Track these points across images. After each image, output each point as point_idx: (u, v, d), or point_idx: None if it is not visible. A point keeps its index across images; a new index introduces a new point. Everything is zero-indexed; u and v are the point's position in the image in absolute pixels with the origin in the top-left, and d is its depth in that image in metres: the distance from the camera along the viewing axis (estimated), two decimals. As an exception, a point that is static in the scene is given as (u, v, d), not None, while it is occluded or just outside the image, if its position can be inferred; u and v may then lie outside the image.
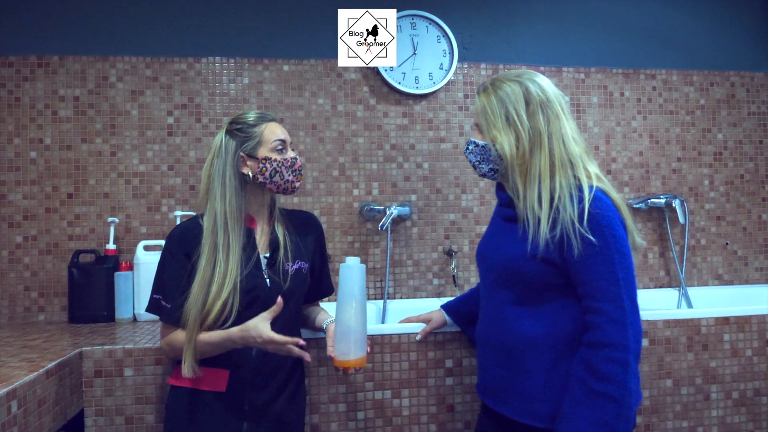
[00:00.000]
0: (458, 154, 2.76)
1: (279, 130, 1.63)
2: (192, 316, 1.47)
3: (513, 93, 1.40)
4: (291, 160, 1.61)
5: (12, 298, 2.41)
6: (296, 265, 1.63)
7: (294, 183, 1.62)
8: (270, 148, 1.59)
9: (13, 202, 2.43)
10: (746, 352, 2.02)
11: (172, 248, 1.57)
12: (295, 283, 1.62)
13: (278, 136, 1.61)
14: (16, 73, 2.46)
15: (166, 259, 1.57)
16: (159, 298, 1.55)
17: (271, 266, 1.60)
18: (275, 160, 1.59)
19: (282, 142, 1.61)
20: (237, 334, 1.46)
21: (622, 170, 2.88)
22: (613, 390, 1.24)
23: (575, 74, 2.86)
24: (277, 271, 1.59)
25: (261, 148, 1.59)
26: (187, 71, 2.57)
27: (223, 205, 1.55)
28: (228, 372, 1.54)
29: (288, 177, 1.61)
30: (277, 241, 1.63)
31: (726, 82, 2.98)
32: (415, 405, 1.87)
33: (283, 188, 1.62)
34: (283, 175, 1.60)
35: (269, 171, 1.58)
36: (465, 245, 2.74)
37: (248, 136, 1.59)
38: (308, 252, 1.70)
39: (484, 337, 1.52)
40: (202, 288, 1.49)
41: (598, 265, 1.30)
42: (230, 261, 1.51)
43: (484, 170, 1.49)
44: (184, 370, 1.48)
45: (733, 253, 2.94)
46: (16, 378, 1.39)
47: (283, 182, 1.60)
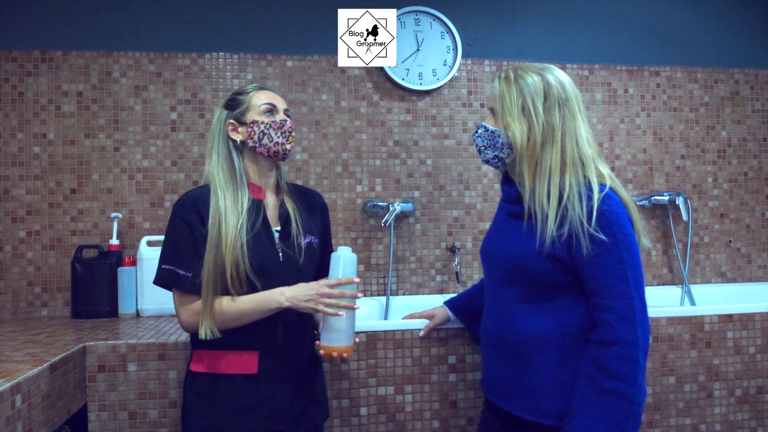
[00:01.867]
0: (462, 151, 2.75)
1: (267, 94, 1.61)
2: (206, 278, 1.46)
3: (533, 84, 1.40)
4: (280, 122, 1.58)
5: (15, 293, 2.41)
6: (307, 239, 1.62)
7: (285, 145, 1.58)
8: (258, 112, 1.58)
9: (16, 197, 2.43)
10: (749, 350, 2.02)
11: (183, 215, 1.53)
12: (309, 258, 1.61)
13: (265, 100, 1.60)
14: (20, 68, 2.46)
15: (177, 228, 1.52)
16: (172, 268, 1.50)
17: (284, 240, 1.58)
18: (262, 122, 1.57)
19: (270, 105, 1.59)
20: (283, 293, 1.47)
21: (625, 167, 2.87)
22: (624, 387, 1.24)
23: (579, 71, 2.85)
24: (291, 245, 1.57)
25: (249, 113, 1.58)
26: (191, 67, 2.57)
27: (219, 170, 1.55)
28: (257, 353, 1.53)
29: (277, 139, 1.57)
30: (288, 213, 1.61)
31: (730, 79, 2.97)
32: (417, 401, 1.88)
33: (274, 151, 1.58)
34: (271, 136, 1.56)
35: (257, 134, 1.56)
36: (468, 242, 2.73)
37: (238, 104, 1.60)
38: (317, 227, 1.69)
39: (489, 333, 1.51)
40: (211, 250, 1.47)
41: (606, 262, 1.29)
42: (234, 222, 1.49)
43: (489, 156, 1.48)
44: (202, 332, 1.45)
45: (736, 250, 2.94)
46: (20, 372, 1.39)
47: (272, 144, 1.57)
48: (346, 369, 1.84)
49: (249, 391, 1.52)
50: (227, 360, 1.53)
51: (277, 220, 1.62)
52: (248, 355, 1.53)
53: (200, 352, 1.55)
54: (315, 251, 1.65)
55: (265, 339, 1.54)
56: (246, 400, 1.52)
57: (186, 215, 1.52)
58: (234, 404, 1.52)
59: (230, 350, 1.53)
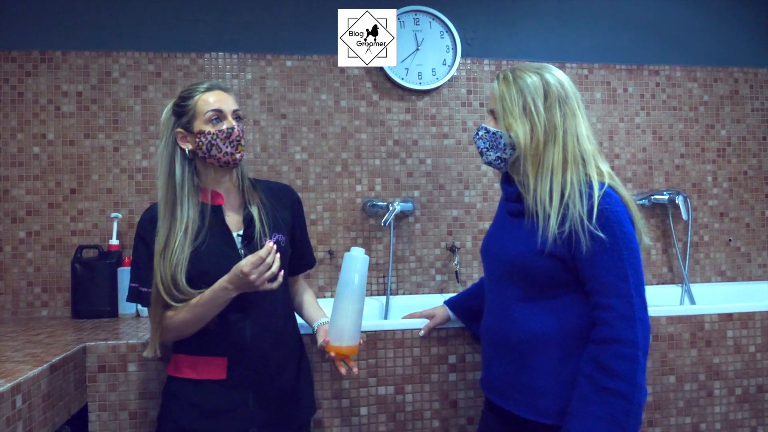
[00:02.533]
0: (461, 150, 2.75)
1: (213, 98, 1.52)
2: (153, 293, 1.47)
3: (533, 84, 1.40)
4: (227, 131, 1.51)
5: (15, 293, 2.41)
6: (274, 239, 1.57)
7: (234, 155, 1.52)
8: (204, 120, 1.51)
9: (16, 198, 2.43)
10: (749, 349, 2.02)
11: (141, 232, 1.55)
12: None
13: (211, 106, 1.51)
14: (19, 68, 2.46)
15: (138, 246, 1.56)
16: (136, 286, 1.55)
17: (248, 243, 1.55)
18: (209, 132, 1.50)
19: (216, 111, 1.51)
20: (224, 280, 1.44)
21: (625, 166, 2.87)
22: (623, 386, 1.24)
23: (578, 70, 2.86)
24: (254, 247, 1.53)
25: (196, 121, 1.51)
26: (190, 67, 2.57)
27: (161, 182, 1.52)
28: (226, 359, 1.52)
29: (226, 149, 1.51)
30: (251, 216, 1.56)
31: (729, 78, 2.97)
32: (418, 401, 1.88)
33: (224, 161, 1.52)
34: (219, 147, 1.50)
35: (205, 145, 1.50)
36: (468, 241, 2.73)
37: (184, 110, 1.53)
38: (286, 223, 1.64)
39: (489, 332, 1.51)
40: (156, 265, 1.46)
41: (606, 260, 1.30)
42: (178, 234, 1.47)
43: (491, 158, 1.48)
44: (146, 350, 1.50)
45: (736, 249, 2.94)
46: (21, 373, 1.39)
47: (221, 155, 1.51)
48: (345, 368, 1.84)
49: (219, 396, 1.52)
50: (198, 365, 1.53)
51: (240, 224, 1.59)
52: (217, 361, 1.53)
53: (177, 357, 1.57)
54: (284, 249, 1.59)
55: (233, 345, 1.53)
56: (216, 405, 1.52)
57: (144, 233, 1.54)
58: (204, 409, 1.52)
59: (201, 356, 1.53)
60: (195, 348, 1.54)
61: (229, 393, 1.53)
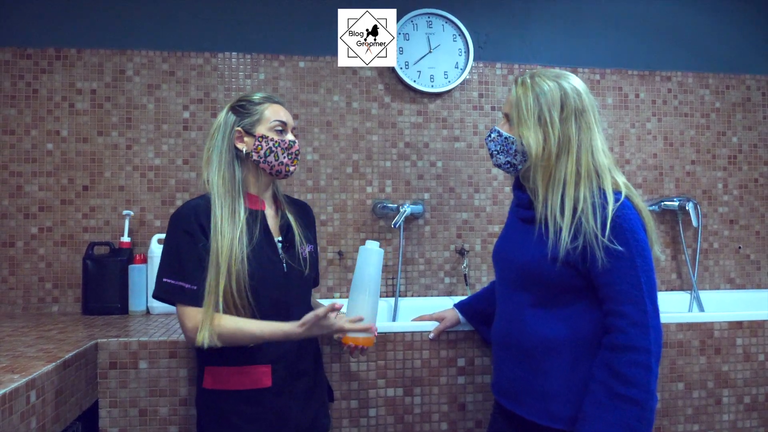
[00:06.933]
0: (472, 153, 2.75)
1: (282, 112, 1.60)
2: (208, 290, 1.43)
3: (550, 93, 1.39)
4: (289, 143, 1.57)
5: (26, 289, 2.43)
6: (309, 248, 1.64)
7: (288, 167, 1.58)
8: (269, 127, 1.56)
9: (29, 194, 2.45)
10: (759, 357, 2.02)
11: (185, 226, 1.48)
12: (312, 267, 1.64)
13: (279, 117, 1.58)
14: (34, 65, 2.47)
15: (180, 239, 1.48)
16: (177, 283, 1.45)
17: (288, 250, 1.59)
18: (272, 139, 1.55)
19: (282, 123, 1.58)
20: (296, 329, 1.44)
21: (635, 172, 2.87)
22: (637, 393, 1.24)
23: (591, 75, 2.85)
24: (294, 255, 1.58)
25: (259, 125, 1.56)
26: (204, 66, 2.58)
27: (219, 178, 1.52)
28: (270, 367, 1.52)
29: (283, 159, 1.56)
30: (289, 224, 1.61)
31: (742, 85, 2.96)
32: (426, 403, 1.88)
33: (277, 170, 1.57)
34: (278, 155, 1.55)
35: (264, 149, 1.55)
36: (477, 244, 2.74)
37: (248, 113, 1.57)
38: (313, 238, 1.71)
39: (501, 337, 1.52)
40: (214, 261, 1.44)
41: (620, 268, 1.30)
42: (231, 234, 1.46)
43: (501, 161, 1.48)
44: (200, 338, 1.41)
45: (745, 257, 2.93)
46: (35, 368, 1.40)
47: (277, 163, 1.56)
48: (355, 370, 1.85)
49: (263, 405, 1.52)
50: (240, 375, 1.51)
51: (278, 230, 1.62)
52: (262, 369, 1.52)
53: (211, 369, 1.53)
54: (315, 260, 1.67)
55: (277, 351, 1.53)
56: (260, 415, 1.51)
57: (188, 226, 1.49)
58: (249, 419, 1.51)
59: (242, 365, 1.51)
60: (237, 358, 1.51)
61: (273, 401, 1.52)
